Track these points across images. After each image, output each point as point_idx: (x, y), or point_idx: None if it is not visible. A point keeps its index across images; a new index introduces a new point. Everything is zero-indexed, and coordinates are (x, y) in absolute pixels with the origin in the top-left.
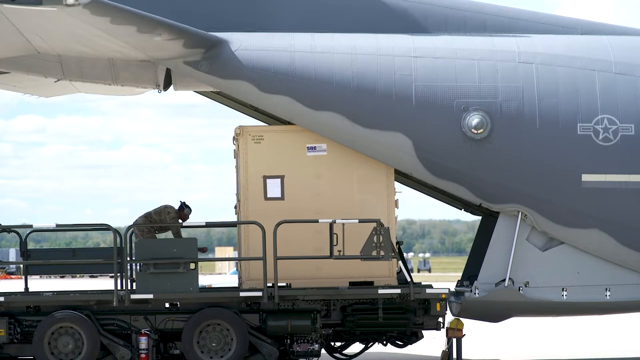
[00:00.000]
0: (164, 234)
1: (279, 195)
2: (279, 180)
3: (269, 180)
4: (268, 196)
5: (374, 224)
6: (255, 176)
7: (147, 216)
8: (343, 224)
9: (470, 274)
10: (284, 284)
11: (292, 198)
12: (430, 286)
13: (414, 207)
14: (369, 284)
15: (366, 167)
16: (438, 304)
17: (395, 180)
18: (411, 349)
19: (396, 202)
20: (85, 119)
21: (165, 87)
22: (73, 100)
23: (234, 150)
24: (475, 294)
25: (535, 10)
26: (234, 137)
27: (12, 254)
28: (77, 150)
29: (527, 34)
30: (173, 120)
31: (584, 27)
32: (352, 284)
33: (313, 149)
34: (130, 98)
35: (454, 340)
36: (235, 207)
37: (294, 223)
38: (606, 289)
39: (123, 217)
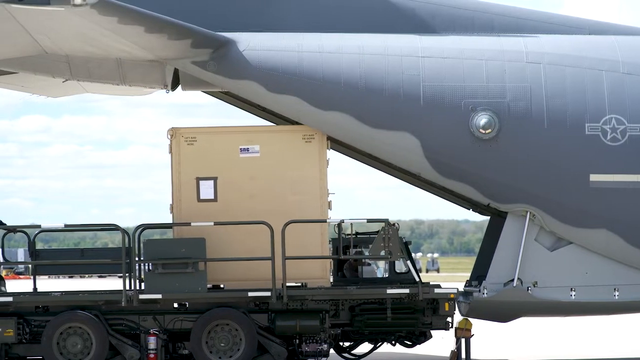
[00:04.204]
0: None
1: (212, 196)
2: (212, 181)
3: (202, 182)
4: (201, 198)
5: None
6: (188, 177)
7: None
8: (352, 223)
9: (478, 274)
10: (220, 285)
11: (225, 199)
12: (438, 286)
13: (422, 207)
14: (303, 285)
15: (299, 169)
16: (447, 304)
17: (404, 180)
18: (420, 349)
19: (329, 203)
20: (90, 119)
21: (173, 87)
22: (78, 100)
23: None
24: (483, 294)
25: (538, 10)
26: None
27: (21, 254)
28: (83, 150)
29: (534, 34)
30: (179, 120)
31: (591, 27)
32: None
33: (246, 150)
34: (135, 98)
35: (463, 340)
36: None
37: (229, 224)
38: (614, 289)
39: (130, 217)
